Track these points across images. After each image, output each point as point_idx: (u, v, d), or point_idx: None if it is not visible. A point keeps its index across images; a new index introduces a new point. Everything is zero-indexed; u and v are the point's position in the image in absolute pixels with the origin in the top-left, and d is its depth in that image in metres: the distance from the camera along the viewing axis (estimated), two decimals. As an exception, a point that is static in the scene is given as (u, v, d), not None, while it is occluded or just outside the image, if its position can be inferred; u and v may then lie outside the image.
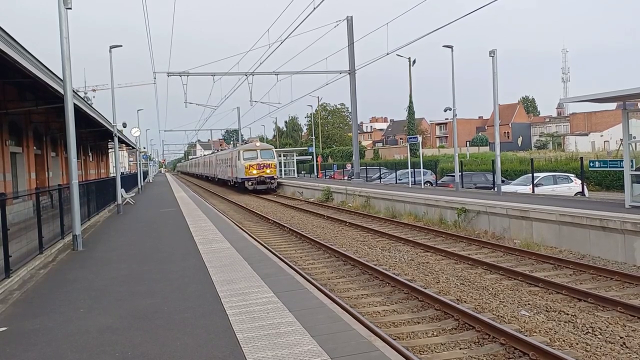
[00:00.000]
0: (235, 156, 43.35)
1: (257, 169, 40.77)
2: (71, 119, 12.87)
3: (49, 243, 12.47)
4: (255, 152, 41.63)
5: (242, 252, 11.48)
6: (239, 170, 41.92)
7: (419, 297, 9.37)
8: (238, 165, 42.07)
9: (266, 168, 41.05)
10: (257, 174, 40.67)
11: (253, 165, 40.77)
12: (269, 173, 41.20)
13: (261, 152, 41.79)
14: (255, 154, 41.54)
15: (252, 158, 41.22)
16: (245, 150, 42.40)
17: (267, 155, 42.07)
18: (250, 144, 44.98)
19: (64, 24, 12.64)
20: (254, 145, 43.67)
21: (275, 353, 5.44)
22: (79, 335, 6.35)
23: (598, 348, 6.86)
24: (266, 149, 42.86)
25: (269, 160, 41.62)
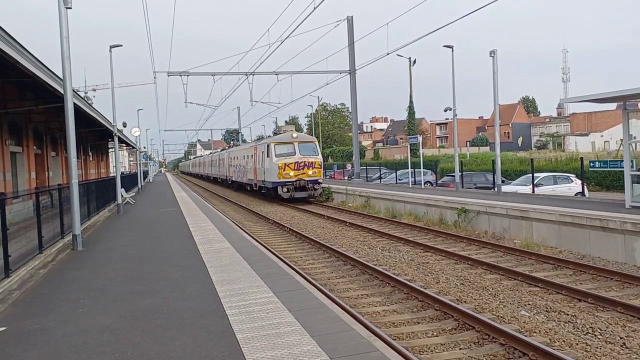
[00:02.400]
0: (263, 152, 31.83)
1: (295, 169, 29.33)
2: (71, 118, 12.86)
3: (49, 243, 12.46)
4: (292, 146, 30.10)
5: (241, 252, 11.47)
6: (268, 171, 30.48)
7: (418, 297, 9.36)
8: (266, 165, 30.70)
9: (308, 168, 29.48)
10: (294, 176, 29.28)
11: (289, 164, 29.35)
12: (311, 175, 29.56)
13: (300, 145, 30.26)
14: (291, 148, 30.07)
15: (288, 154, 29.81)
16: (278, 143, 30.43)
17: (309, 149, 30.61)
18: (284, 135, 31.68)
19: (64, 24, 12.63)
20: (290, 136, 31.09)
21: (274, 353, 5.43)
22: (78, 335, 6.34)
23: (598, 348, 6.85)
24: (307, 141, 31.48)
25: (311, 156, 30.07)
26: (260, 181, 32.88)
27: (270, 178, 30.15)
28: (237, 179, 42.79)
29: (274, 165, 29.56)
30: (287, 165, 29.27)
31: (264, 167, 31.30)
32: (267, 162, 30.49)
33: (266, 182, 31.04)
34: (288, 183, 29.31)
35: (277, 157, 29.68)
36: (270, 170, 30.06)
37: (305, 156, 29.90)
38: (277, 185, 29.45)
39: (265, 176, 31.01)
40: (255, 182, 34.47)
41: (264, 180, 31.58)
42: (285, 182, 29.28)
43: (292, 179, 29.32)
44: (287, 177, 29.25)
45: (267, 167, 30.49)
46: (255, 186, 34.36)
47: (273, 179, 29.68)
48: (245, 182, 38.63)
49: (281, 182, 29.32)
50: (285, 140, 30.72)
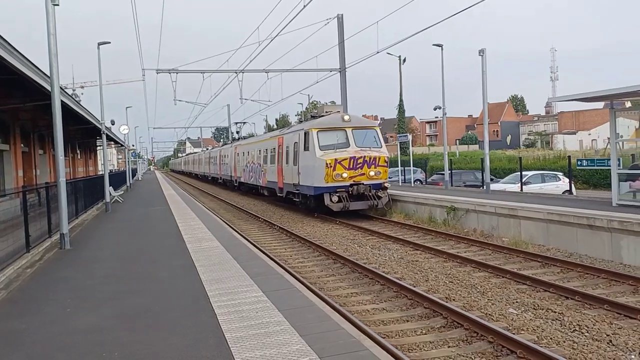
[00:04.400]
0: (295, 143, 22.70)
1: (351, 167, 20.12)
2: (58, 116, 12.75)
3: (36, 242, 12.35)
4: (343, 134, 20.94)
5: (231, 251, 11.45)
6: (307, 171, 21.14)
7: (408, 295, 9.39)
8: (303, 162, 21.51)
9: (369, 166, 20.28)
10: (349, 178, 19.99)
11: (342, 160, 20.06)
12: (374, 177, 20.29)
13: (355, 133, 21.02)
14: (342, 136, 20.91)
15: (339, 146, 20.69)
16: (322, 129, 20.95)
17: (368, 138, 21.30)
18: (329, 118, 21.89)
19: (51, 21, 12.52)
20: (339, 118, 21.34)
21: (263, 353, 5.43)
22: (66, 335, 6.30)
23: (585, 346, 6.91)
24: (365, 127, 21.75)
25: (372, 149, 20.87)
26: (291, 185, 23.21)
27: (310, 181, 20.56)
28: (249, 180, 33.17)
29: (317, 162, 20.02)
30: (338, 163, 19.78)
31: (298, 166, 22.01)
32: (306, 158, 21.21)
33: (302, 186, 21.58)
34: (340, 189, 19.76)
35: (323, 151, 20.20)
36: (310, 169, 20.61)
37: (363, 148, 20.48)
38: (322, 192, 19.86)
39: (302, 178, 21.56)
40: (279, 186, 25.35)
41: (297, 185, 22.10)
42: (336, 187, 19.74)
43: (346, 183, 19.78)
44: (338, 179, 19.68)
45: (305, 165, 21.24)
46: (281, 192, 25.18)
47: (316, 182, 20.07)
48: (263, 186, 29.47)
49: (329, 188, 19.75)
50: (333, 124, 20.96)
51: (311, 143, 20.84)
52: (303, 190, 21.82)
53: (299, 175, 22.03)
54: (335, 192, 19.94)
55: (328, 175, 19.84)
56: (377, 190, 20.51)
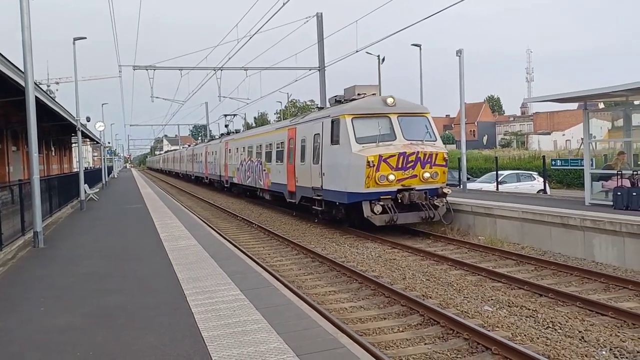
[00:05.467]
0: (317, 135, 17.84)
1: (399, 167, 15.31)
2: (32, 112, 12.54)
3: (9, 240, 12.12)
4: (387, 122, 16.00)
5: (208, 250, 11.39)
6: (336, 171, 16.25)
7: (385, 293, 9.46)
8: (332, 159, 16.57)
9: (423, 166, 15.60)
10: (396, 181, 15.29)
11: (388, 157, 15.16)
12: (429, 180, 15.64)
13: (402, 120, 16.19)
14: (386, 125, 15.94)
15: (382, 137, 15.67)
16: (358, 115, 16.04)
17: (419, 128, 16.58)
18: (367, 100, 16.99)
19: (26, 14, 12.29)
20: (380, 102, 16.51)
21: (240, 351, 5.42)
22: (40, 335, 6.21)
23: (558, 342, 7.04)
24: (414, 113, 16.77)
25: (426, 142, 16.26)
26: (308, 189, 18.23)
27: (341, 184, 15.62)
28: (244, 181, 28.64)
29: (354, 159, 15.12)
30: (383, 161, 14.88)
31: (321, 165, 16.98)
32: (334, 155, 16.20)
33: (327, 191, 16.58)
34: (385, 195, 14.99)
35: (361, 145, 15.31)
36: (342, 169, 15.67)
37: (414, 142, 15.68)
38: (359, 200, 15.06)
39: (327, 181, 16.52)
40: (290, 189, 20.32)
41: (319, 189, 17.11)
42: (380, 193, 14.95)
43: (392, 188, 15.06)
44: (382, 183, 14.86)
45: (333, 163, 16.23)
46: (291, 196, 20.28)
47: (351, 186, 15.17)
48: (264, 189, 24.83)
49: (370, 194, 14.91)
50: (373, 109, 16.04)
51: (343, 134, 15.63)
52: (329, 196, 16.52)
53: (323, 176, 16.83)
54: (380, 201, 14.85)
55: (369, 178, 14.67)
56: (433, 197, 15.56)
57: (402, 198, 15.18)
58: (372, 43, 30.14)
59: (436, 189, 15.83)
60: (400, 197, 15.19)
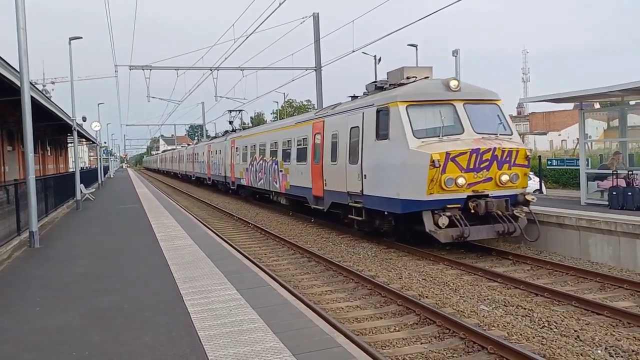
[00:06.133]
0: (357, 126, 14.56)
1: (471, 168, 11.98)
2: (28, 112, 12.51)
3: (4, 240, 12.08)
4: (450, 111, 12.81)
5: (204, 249, 11.38)
6: (386, 173, 12.97)
7: (381, 292, 9.47)
8: (375, 158, 13.51)
9: (500, 166, 12.23)
10: (466, 186, 11.99)
11: (458, 155, 11.87)
12: (507, 184, 12.31)
13: (469, 109, 12.93)
14: (449, 114, 12.77)
15: (447, 130, 12.53)
16: (414, 102, 12.72)
17: (491, 118, 13.27)
18: (422, 84, 13.51)
19: (21, 14, 12.26)
20: (439, 85, 13.16)
21: (237, 350, 5.42)
22: (36, 335, 6.19)
23: (553, 341, 7.06)
24: (483, 100, 13.44)
25: (501, 137, 12.88)
26: (342, 195, 15.33)
27: (393, 190, 12.67)
28: (255, 183, 25.65)
29: (411, 158, 12.20)
30: (451, 160, 11.87)
31: (361, 165, 14.08)
32: (381, 152, 13.23)
33: (372, 198, 13.63)
34: (451, 204, 12.03)
35: (419, 139, 12.38)
36: (393, 170, 12.72)
37: (486, 136, 12.74)
38: (419, 210, 12.13)
39: (371, 185, 13.69)
40: (316, 194, 17.52)
41: (359, 194, 14.21)
42: (445, 201, 12.01)
43: (461, 195, 12.09)
44: (449, 188, 11.90)
45: (381, 163, 13.25)
46: (318, 202, 17.49)
47: (406, 192, 12.27)
48: (280, 192, 21.85)
49: (433, 202, 11.99)
50: (432, 95, 13.03)
51: (395, 127, 12.63)
52: (372, 204, 13.62)
53: (364, 179, 13.91)
54: (444, 210, 11.87)
55: (433, 182, 11.67)
56: (514, 203, 12.53)
57: (477, 207, 11.88)
58: (369, 43, 30.18)
59: (515, 195, 12.59)
60: (473, 205, 11.95)
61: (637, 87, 12.69)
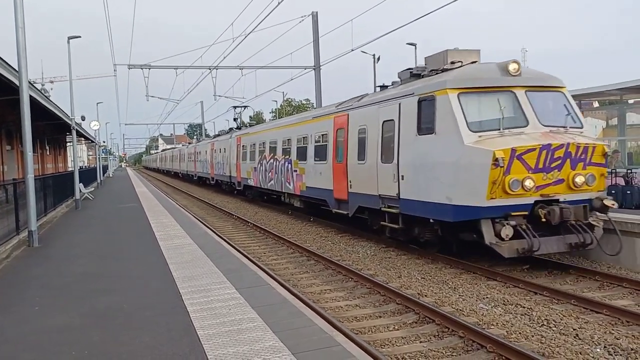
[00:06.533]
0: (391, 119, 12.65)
1: (540, 168, 10.07)
2: (27, 111, 12.50)
3: (4, 239, 12.08)
4: (510, 99, 10.82)
5: (204, 248, 11.38)
6: (432, 174, 10.99)
7: (381, 291, 9.48)
8: (418, 156, 11.50)
9: (573, 165, 10.32)
10: (534, 189, 10.02)
11: (526, 151, 9.94)
12: (582, 187, 10.35)
13: (532, 97, 11.00)
14: (508, 103, 10.76)
15: (508, 122, 10.53)
16: (467, 90, 10.81)
17: (557, 108, 11.37)
18: (474, 68, 11.57)
19: (20, 13, 12.25)
20: (495, 69, 11.16)
21: (236, 350, 5.43)
22: (35, 335, 6.19)
23: (552, 340, 7.07)
24: (547, 87, 11.46)
25: (571, 130, 10.95)
26: (373, 198, 13.56)
27: (443, 194, 10.78)
28: (265, 184, 23.95)
29: (467, 156, 10.29)
30: (517, 158, 9.97)
31: (398, 163, 12.31)
32: (427, 149, 11.39)
33: (413, 203, 11.82)
34: (516, 210, 10.16)
35: (475, 133, 10.48)
36: (445, 171, 10.78)
37: (554, 129, 10.93)
38: (478, 218, 10.16)
39: (411, 187, 11.89)
40: (338, 196, 15.87)
41: (395, 198, 12.49)
42: (509, 206, 10.11)
43: (528, 200, 10.20)
44: (515, 192, 9.96)
45: (426, 162, 11.37)
46: (340, 205, 15.87)
47: (459, 196, 10.40)
48: (294, 194, 20.46)
49: (493, 209, 10.08)
50: (489, 80, 11.10)
51: (445, 118, 10.76)
52: (413, 209, 11.75)
53: (401, 181, 12.10)
54: (506, 219, 10.06)
55: (495, 184, 9.80)
56: (588, 211, 10.54)
57: (549, 215, 9.98)
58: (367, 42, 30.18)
59: (590, 200, 10.58)
60: (544, 213, 10.03)
61: (635, 86, 12.71)
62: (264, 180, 23.86)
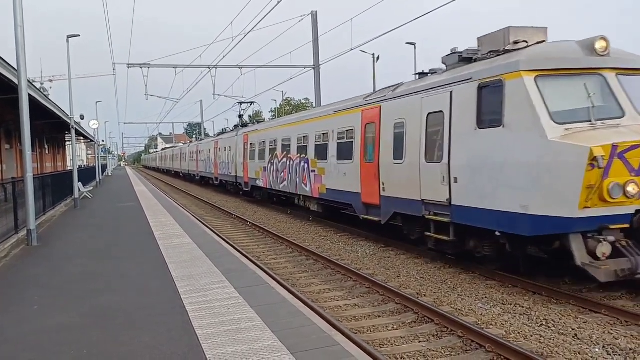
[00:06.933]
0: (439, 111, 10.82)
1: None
2: (26, 110, 12.50)
3: (2, 238, 12.08)
4: (599, 83, 8.85)
5: (203, 248, 11.38)
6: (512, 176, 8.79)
7: (379, 291, 9.48)
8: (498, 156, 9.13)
9: None
10: (637, 195, 8.05)
11: (629, 148, 7.98)
12: None
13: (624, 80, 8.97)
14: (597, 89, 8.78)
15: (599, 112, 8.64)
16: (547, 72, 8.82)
17: None
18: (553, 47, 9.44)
19: (19, 12, 12.23)
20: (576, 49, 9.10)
21: (235, 349, 5.43)
22: (34, 335, 6.19)
23: (551, 340, 7.07)
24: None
25: None
26: (420, 204, 11.50)
27: (516, 202, 8.75)
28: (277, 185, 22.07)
29: (554, 153, 8.29)
30: (618, 156, 8.01)
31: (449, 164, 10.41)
32: (492, 145, 9.35)
33: (467, 210, 9.92)
34: (614, 222, 8.21)
35: (560, 124, 8.49)
36: (521, 172, 8.72)
37: None
38: (567, 232, 8.31)
39: (462, 192, 10.07)
40: (366, 200, 14.20)
41: (445, 205, 10.54)
42: (604, 217, 8.18)
43: (627, 210, 8.24)
44: (614, 200, 8.05)
45: (493, 161, 9.31)
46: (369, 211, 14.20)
47: (545, 205, 8.39)
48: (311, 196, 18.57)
49: (587, 221, 8.14)
50: (571, 61, 9.02)
51: (519, 107, 8.87)
52: (474, 219, 9.80)
53: (453, 183, 10.30)
54: (599, 233, 8.29)
55: (590, 189, 8.04)
56: None
57: None
58: (367, 41, 30.14)
59: None
60: None
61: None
62: (276, 181, 22.16)
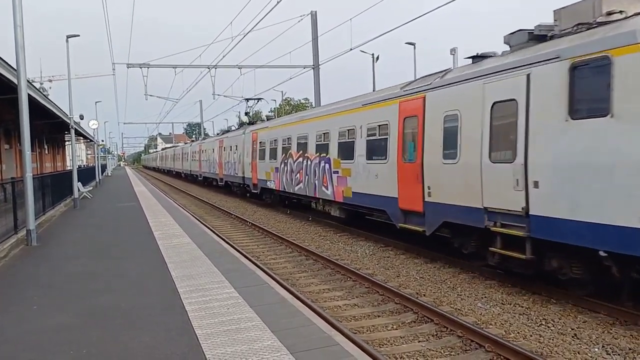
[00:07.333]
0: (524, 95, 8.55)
1: None
2: (25, 110, 12.49)
3: (2, 238, 12.07)
4: None
5: (202, 248, 11.38)
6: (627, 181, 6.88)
7: (379, 291, 9.48)
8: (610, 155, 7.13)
9: None
10: None
11: None
12: None
13: None
14: None
15: None
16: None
17: None
18: None
19: (18, 12, 12.23)
20: None
21: (234, 349, 5.43)
22: (34, 335, 6.19)
23: (551, 339, 7.08)
24: None
25: None
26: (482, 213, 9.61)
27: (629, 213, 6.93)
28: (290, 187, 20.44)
29: None
30: None
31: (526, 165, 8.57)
32: (592, 141, 7.46)
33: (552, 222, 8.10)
34: None
35: None
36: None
37: None
38: None
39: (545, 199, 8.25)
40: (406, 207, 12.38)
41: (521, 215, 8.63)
42: None
43: None
44: None
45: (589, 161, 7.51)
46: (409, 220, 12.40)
47: None
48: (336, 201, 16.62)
49: None
50: None
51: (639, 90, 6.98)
52: (569, 234, 7.91)
53: (532, 189, 8.52)
54: None
55: None
56: None
57: None
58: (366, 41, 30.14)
59: None
60: None
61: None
62: (290, 182, 20.28)
